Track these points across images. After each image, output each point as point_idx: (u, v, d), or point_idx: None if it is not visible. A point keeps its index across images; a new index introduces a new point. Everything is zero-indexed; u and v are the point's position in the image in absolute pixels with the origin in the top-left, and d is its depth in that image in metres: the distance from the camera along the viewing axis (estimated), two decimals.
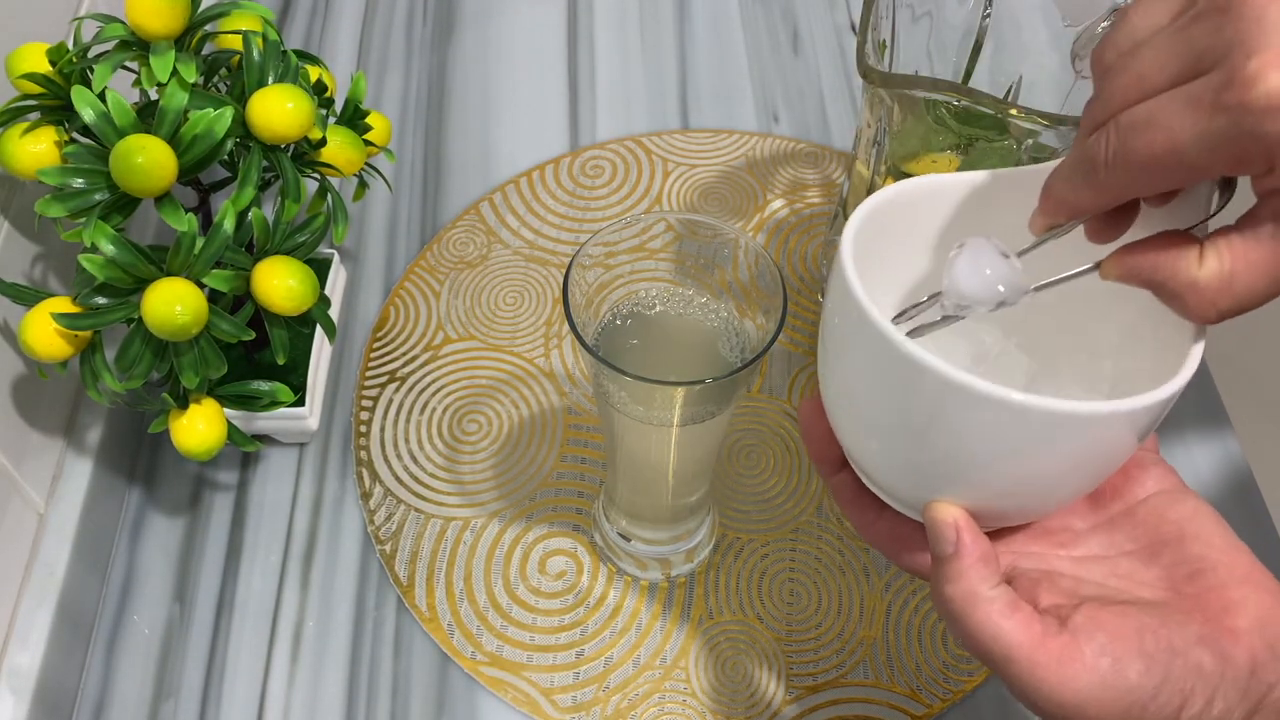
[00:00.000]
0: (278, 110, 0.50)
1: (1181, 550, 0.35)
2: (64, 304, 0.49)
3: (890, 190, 0.37)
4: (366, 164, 0.59)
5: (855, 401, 0.37)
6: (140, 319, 0.48)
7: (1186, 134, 0.28)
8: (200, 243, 0.48)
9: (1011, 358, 0.41)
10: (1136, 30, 0.31)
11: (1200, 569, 0.35)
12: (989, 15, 0.54)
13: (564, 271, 0.51)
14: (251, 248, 0.52)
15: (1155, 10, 0.30)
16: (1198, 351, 0.33)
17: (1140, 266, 0.32)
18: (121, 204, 0.48)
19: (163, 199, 0.48)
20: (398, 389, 0.63)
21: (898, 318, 0.38)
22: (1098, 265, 0.34)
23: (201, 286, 0.49)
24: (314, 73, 0.56)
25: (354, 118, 0.57)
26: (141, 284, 0.48)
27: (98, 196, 0.48)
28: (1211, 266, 0.31)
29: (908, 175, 0.52)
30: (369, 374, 0.64)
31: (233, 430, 0.54)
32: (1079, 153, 0.32)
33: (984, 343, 0.41)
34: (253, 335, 0.51)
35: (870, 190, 0.53)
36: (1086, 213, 0.33)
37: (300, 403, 0.58)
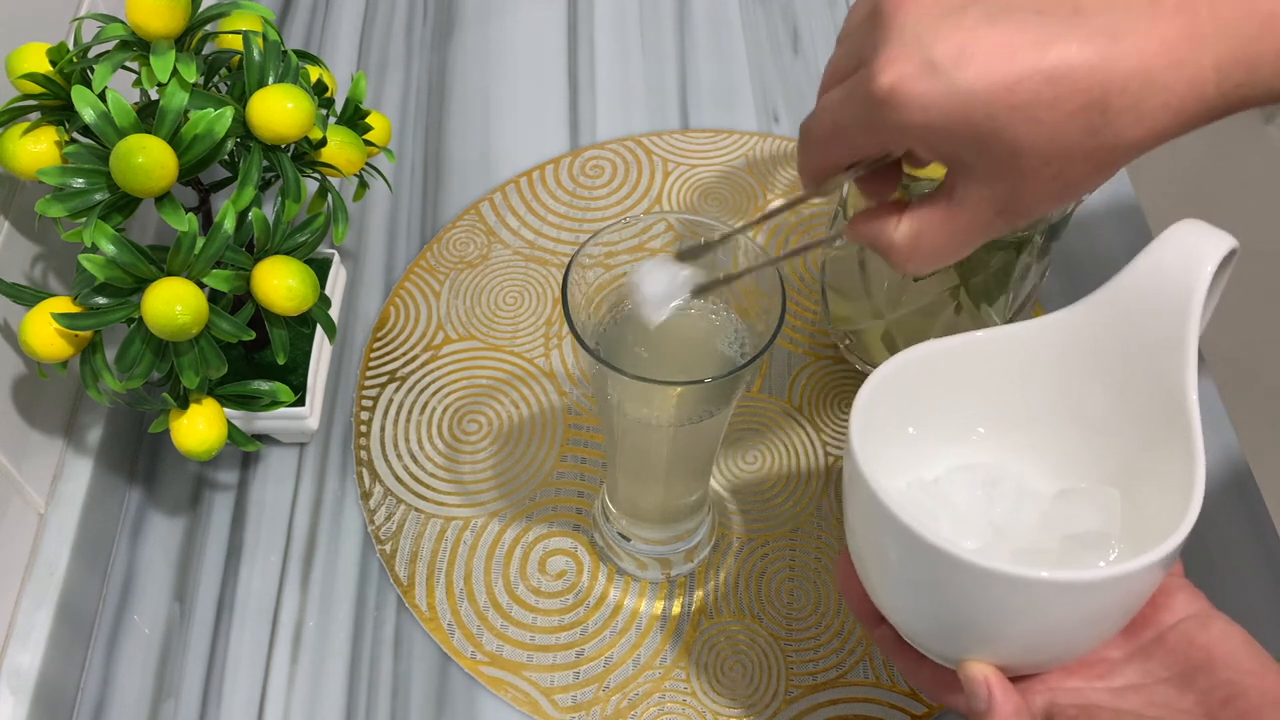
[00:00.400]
0: (278, 110, 0.50)
1: (1213, 676, 0.36)
2: (64, 304, 0.49)
3: (894, 362, 0.41)
4: (367, 164, 0.59)
5: (881, 574, 0.39)
6: (140, 319, 0.48)
7: (843, 118, 0.35)
8: (200, 243, 0.48)
9: (1023, 489, 0.42)
10: (847, 26, 0.37)
11: (1233, 694, 0.35)
12: None
13: (564, 271, 0.51)
14: (251, 248, 0.52)
15: (856, 13, 0.36)
16: (1199, 485, 0.35)
17: (859, 232, 0.38)
18: (121, 204, 0.48)
19: (163, 199, 0.48)
20: (398, 389, 0.63)
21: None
22: (835, 236, 0.41)
23: (202, 286, 0.49)
24: (314, 73, 0.56)
25: (354, 118, 0.57)
26: (141, 284, 0.48)
27: (98, 196, 0.48)
28: (904, 230, 0.37)
29: (907, 175, 0.52)
30: (369, 374, 0.64)
31: (233, 430, 0.54)
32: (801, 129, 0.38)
33: (995, 479, 0.43)
34: (253, 335, 0.51)
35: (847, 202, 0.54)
36: (819, 173, 0.38)
37: (300, 403, 0.58)
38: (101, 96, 0.47)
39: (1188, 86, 0.32)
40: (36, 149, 0.49)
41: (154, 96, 0.53)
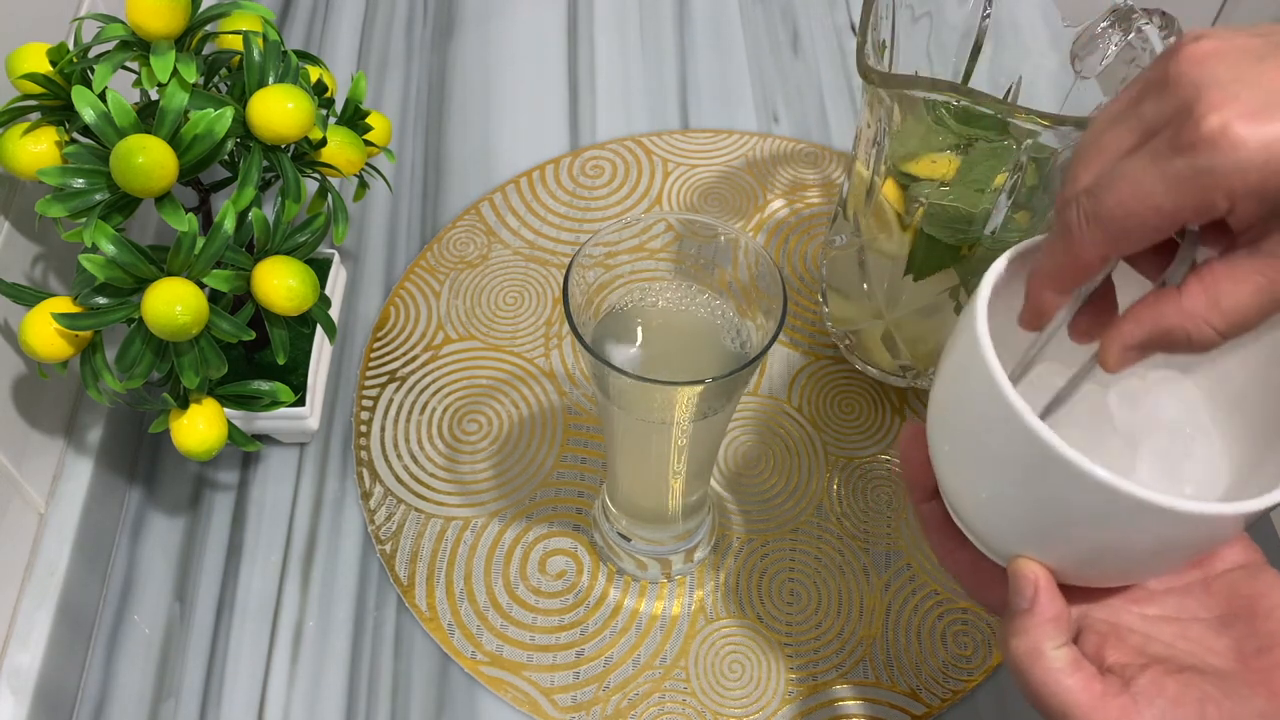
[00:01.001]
0: (278, 110, 0.50)
1: (1253, 625, 0.36)
2: (64, 304, 0.49)
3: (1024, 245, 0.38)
4: (367, 164, 0.59)
5: (965, 456, 0.38)
6: (140, 319, 0.48)
7: (1151, 181, 0.31)
8: (200, 243, 0.48)
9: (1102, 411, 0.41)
10: (1099, 127, 0.34)
11: (1270, 645, 0.35)
12: (989, 15, 0.54)
13: (564, 271, 0.51)
14: (252, 248, 0.52)
15: (1112, 110, 0.33)
16: None
17: (1131, 334, 0.34)
18: (122, 204, 0.48)
19: (163, 199, 0.48)
20: (398, 389, 0.63)
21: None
22: (1094, 359, 0.35)
23: (202, 286, 0.49)
24: (314, 73, 0.56)
25: (354, 118, 0.57)
26: (142, 284, 0.48)
27: (98, 196, 0.48)
28: (1194, 292, 0.32)
29: (907, 175, 0.52)
30: (369, 374, 0.64)
31: (233, 430, 0.54)
32: (1056, 226, 0.34)
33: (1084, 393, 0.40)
34: (253, 335, 0.51)
35: (870, 191, 0.54)
36: (1071, 285, 0.35)
37: (300, 403, 0.58)
38: (101, 96, 0.47)
39: None
40: (36, 149, 0.49)
41: (154, 96, 0.53)
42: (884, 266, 0.55)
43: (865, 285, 0.57)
